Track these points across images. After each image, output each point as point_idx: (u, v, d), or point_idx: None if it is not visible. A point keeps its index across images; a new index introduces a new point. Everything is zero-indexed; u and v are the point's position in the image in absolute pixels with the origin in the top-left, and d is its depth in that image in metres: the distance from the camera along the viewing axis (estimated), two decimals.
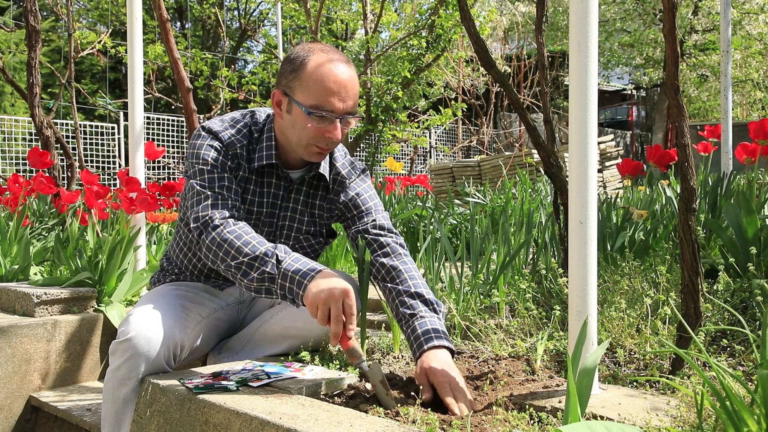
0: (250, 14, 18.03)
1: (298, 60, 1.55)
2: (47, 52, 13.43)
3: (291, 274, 1.40)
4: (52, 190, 3.08)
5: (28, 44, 3.75)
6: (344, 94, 1.53)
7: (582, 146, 1.20)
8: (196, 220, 1.54)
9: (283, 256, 1.43)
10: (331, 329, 1.34)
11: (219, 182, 1.57)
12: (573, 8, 1.21)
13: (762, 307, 1.57)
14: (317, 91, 1.51)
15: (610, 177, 5.70)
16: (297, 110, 1.54)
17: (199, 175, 1.58)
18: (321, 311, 1.34)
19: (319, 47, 1.57)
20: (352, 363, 1.37)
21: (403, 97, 5.94)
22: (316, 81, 1.51)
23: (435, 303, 1.57)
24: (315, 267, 1.41)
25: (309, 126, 1.53)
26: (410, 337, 1.51)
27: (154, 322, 1.51)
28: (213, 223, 1.51)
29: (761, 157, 2.34)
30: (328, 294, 1.34)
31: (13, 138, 9.40)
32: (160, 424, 1.39)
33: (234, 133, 1.64)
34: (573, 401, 0.97)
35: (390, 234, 1.69)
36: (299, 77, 1.53)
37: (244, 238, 1.47)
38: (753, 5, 11.31)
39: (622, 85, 17.52)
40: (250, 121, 1.68)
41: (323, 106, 1.52)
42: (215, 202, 1.54)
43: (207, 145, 1.61)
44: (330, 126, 1.54)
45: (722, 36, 4.40)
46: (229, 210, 1.55)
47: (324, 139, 1.55)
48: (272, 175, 1.68)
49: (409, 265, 1.63)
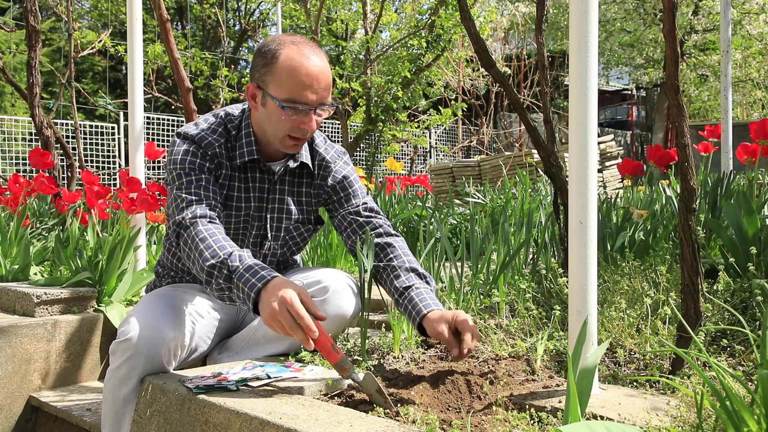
0: (251, 14, 18.03)
1: (269, 54, 1.57)
2: (47, 52, 13.43)
3: (242, 286, 1.38)
4: (53, 190, 3.08)
5: (28, 44, 3.75)
6: (317, 86, 1.56)
7: (582, 146, 1.20)
8: (173, 224, 1.57)
9: (235, 266, 1.40)
10: (297, 338, 1.32)
11: (196, 183, 1.60)
12: (573, 8, 1.20)
13: (762, 307, 1.57)
14: (290, 85, 1.54)
15: (610, 177, 5.69)
16: (271, 104, 1.57)
17: (177, 179, 1.61)
18: (277, 327, 1.32)
19: (289, 39, 1.59)
20: (343, 376, 1.33)
21: (403, 97, 5.94)
22: (288, 75, 1.54)
23: (428, 277, 1.64)
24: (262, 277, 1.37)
25: (284, 118, 1.57)
26: (408, 306, 1.56)
27: (154, 321, 1.51)
28: (185, 223, 1.53)
29: (761, 157, 2.34)
30: (270, 311, 1.31)
31: (13, 138, 9.39)
32: (160, 424, 1.39)
33: (210, 134, 1.66)
34: (573, 401, 0.97)
35: (380, 216, 1.75)
36: (271, 71, 1.56)
37: (207, 241, 1.47)
38: (753, 5, 11.31)
39: (622, 85, 17.51)
40: (225, 119, 1.70)
41: (297, 99, 1.55)
42: (190, 204, 1.56)
43: (183, 150, 1.63)
44: (305, 118, 1.57)
45: (722, 36, 4.40)
46: (202, 210, 1.56)
47: (299, 130, 1.59)
48: (255, 170, 1.71)
49: (402, 244, 1.69)
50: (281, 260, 1.83)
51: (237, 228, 1.72)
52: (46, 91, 13.59)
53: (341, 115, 6.15)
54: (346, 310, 1.66)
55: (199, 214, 1.54)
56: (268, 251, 1.77)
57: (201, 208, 1.56)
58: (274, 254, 1.78)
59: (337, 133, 11.59)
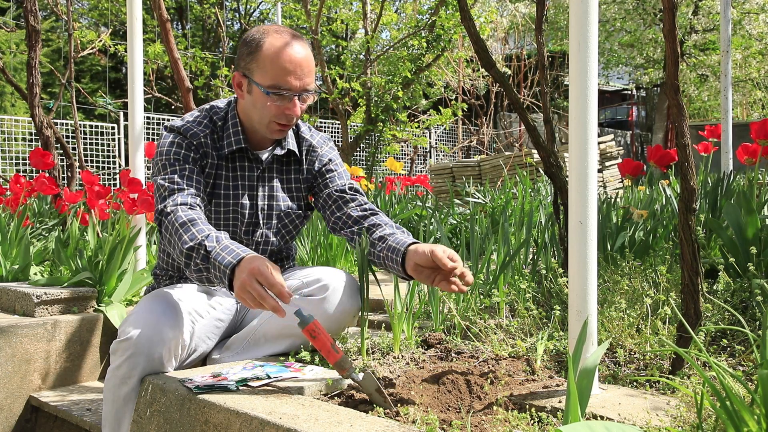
0: (251, 14, 18.03)
1: (254, 43, 1.63)
2: (47, 52, 13.42)
3: (218, 264, 1.42)
4: (54, 190, 3.08)
5: (28, 44, 3.74)
6: (300, 72, 1.62)
7: (582, 146, 1.20)
8: (155, 212, 1.62)
9: (212, 246, 1.45)
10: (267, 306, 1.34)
11: (179, 173, 1.64)
12: (573, 8, 1.21)
13: (762, 307, 1.57)
14: (274, 71, 1.60)
15: (610, 177, 5.69)
16: (256, 90, 1.63)
17: (162, 170, 1.65)
18: (248, 299, 1.35)
19: (273, 29, 1.65)
20: (342, 376, 1.34)
21: (404, 97, 5.94)
22: (272, 62, 1.60)
23: (407, 233, 1.69)
24: (237, 255, 1.42)
25: (269, 105, 1.62)
26: (386, 251, 1.61)
27: (154, 321, 1.52)
28: (166, 210, 1.58)
29: (762, 157, 2.34)
30: (240, 284, 1.35)
31: (13, 138, 9.39)
32: (160, 424, 1.39)
33: (195, 125, 1.71)
34: (573, 401, 0.97)
35: (364, 196, 1.81)
36: (256, 59, 1.62)
37: (187, 225, 1.52)
38: (753, 5, 11.30)
39: (622, 85, 17.51)
40: (211, 111, 1.76)
41: (281, 85, 1.61)
42: (172, 192, 1.61)
43: (168, 141, 1.68)
44: (289, 103, 1.63)
45: (722, 36, 4.40)
46: (183, 198, 1.60)
47: (284, 116, 1.65)
48: (243, 159, 1.75)
49: (386, 219, 1.76)
50: (275, 249, 1.85)
51: (227, 217, 1.75)
52: (46, 92, 13.59)
53: (341, 115, 6.14)
54: (346, 308, 1.68)
55: (180, 202, 1.59)
56: (261, 239, 1.80)
57: (182, 196, 1.60)
58: (267, 242, 1.81)
59: (337, 133, 11.59)
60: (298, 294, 1.68)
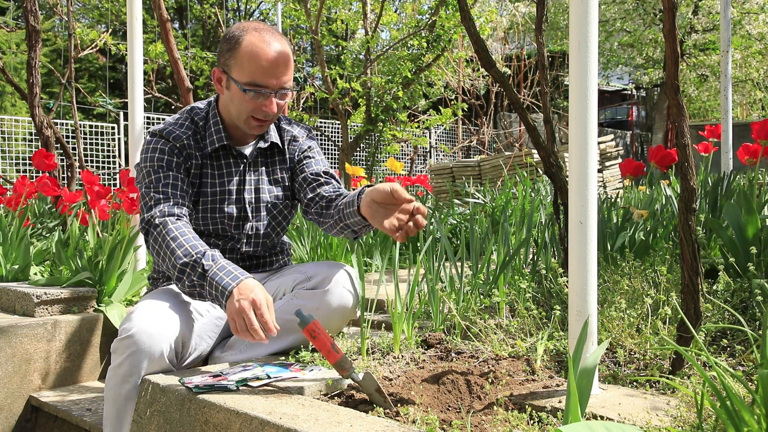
0: (251, 14, 18.03)
1: (233, 39, 1.65)
2: (47, 52, 13.41)
3: (215, 284, 1.47)
4: (57, 191, 3.09)
5: (28, 44, 3.74)
6: (276, 71, 1.64)
7: (582, 146, 1.20)
8: (141, 221, 1.63)
9: (209, 265, 1.49)
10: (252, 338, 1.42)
11: (164, 181, 1.65)
12: (573, 8, 1.21)
13: (762, 307, 1.57)
14: (251, 69, 1.62)
15: (610, 177, 5.69)
16: (234, 87, 1.66)
17: (146, 177, 1.67)
18: (237, 323, 1.42)
19: (252, 26, 1.67)
20: (342, 376, 1.35)
21: (404, 97, 5.93)
22: (250, 59, 1.62)
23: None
24: (236, 277, 1.47)
25: (246, 100, 1.65)
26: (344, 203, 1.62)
27: (155, 319, 1.52)
28: (153, 222, 1.60)
29: (762, 157, 2.34)
30: (238, 308, 1.41)
31: (13, 138, 9.39)
32: (160, 424, 1.39)
33: (177, 127, 1.73)
34: (573, 401, 0.97)
35: (339, 183, 1.83)
36: (234, 56, 1.64)
37: (179, 240, 1.54)
38: (753, 5, 11.30)
39: (622, 85, 17.51)
40: (191, 113, 1.78)
41: (258, 83, 1.63)
42: (158, 202, 1.63)
43: (151, 147, 1.70)
44: (266, 101, 1.66)
45: (722, 36, 4.40)
46: (170, 208, 1.62)
47: (261, 112, 1.67)
48: (227, 156, 1.77)
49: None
50: (267, 242, 1.86)
51: (214, 213, 1.76)
52: (46, 92, 13.59)
53: (341, 115, 6.14)
54: (347, 301, 1.71)
55: (167, 212, 1.60)
56: (252, 231, 1.81)
57: (168, 206, 1.62)
58: (257, 234, 1.82)
59: (337, 133, 11.59)
60: (302, 287, 1.72)
